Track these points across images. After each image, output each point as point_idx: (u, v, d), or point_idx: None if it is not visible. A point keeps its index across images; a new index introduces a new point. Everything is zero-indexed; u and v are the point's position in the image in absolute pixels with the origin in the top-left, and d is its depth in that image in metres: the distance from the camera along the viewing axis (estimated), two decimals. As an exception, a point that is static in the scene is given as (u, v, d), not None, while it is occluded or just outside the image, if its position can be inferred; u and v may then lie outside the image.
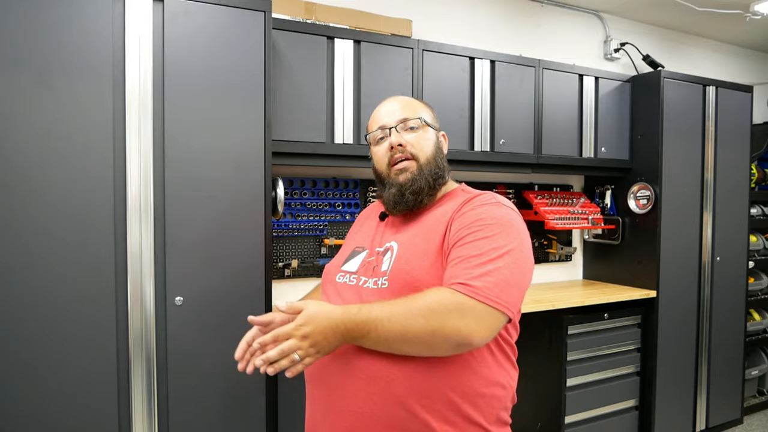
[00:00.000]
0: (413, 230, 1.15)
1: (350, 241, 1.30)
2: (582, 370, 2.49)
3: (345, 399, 1.04)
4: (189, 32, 1.58)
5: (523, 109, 2.48)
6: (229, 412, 1.64)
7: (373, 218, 1.30)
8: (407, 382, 1.00)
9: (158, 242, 1.54)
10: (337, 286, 1.18)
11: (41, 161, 1.41)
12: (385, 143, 1.19)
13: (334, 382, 1.06)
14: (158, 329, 1.54)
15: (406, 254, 1.09)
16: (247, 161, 1.66)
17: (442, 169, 1.20)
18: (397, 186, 1.16)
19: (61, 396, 1.44)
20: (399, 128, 1.18)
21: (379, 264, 1.12)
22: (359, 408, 1.02)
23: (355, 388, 1.03)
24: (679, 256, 2.75)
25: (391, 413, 1.00)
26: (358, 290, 1.12)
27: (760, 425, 3.19)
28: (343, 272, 1.19)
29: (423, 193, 1.16)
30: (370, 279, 1.11)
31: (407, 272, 1.05)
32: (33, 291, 1.41)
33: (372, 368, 1.02)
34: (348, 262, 1.20)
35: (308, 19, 2.16)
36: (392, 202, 1.18)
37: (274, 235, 2.23)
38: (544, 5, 2.99)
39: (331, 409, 1.06)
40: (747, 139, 3.01)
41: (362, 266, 1.16)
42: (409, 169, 1.16)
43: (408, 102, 1.24)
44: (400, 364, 1.00)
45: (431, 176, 1.17)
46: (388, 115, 1.20)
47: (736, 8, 3.05)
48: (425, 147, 1.19)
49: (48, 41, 1.41)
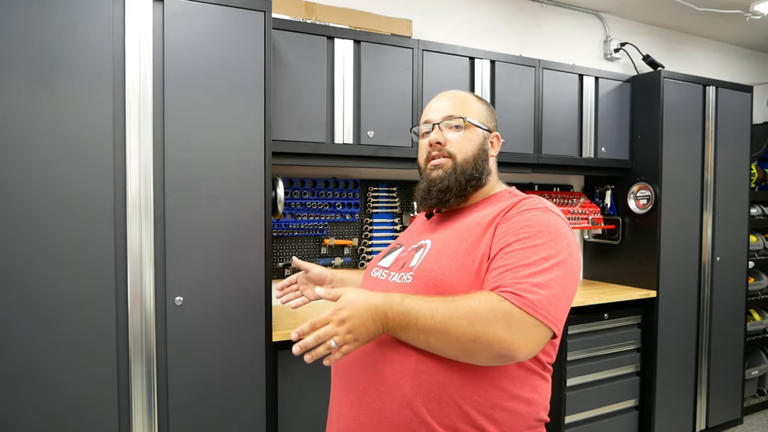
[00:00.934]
0: (450, 230, 1.13)
1: (399, 239, 1.32)
2: (582, 370, 2.49)
3: (356, 392, 1.04)
4: (189, 32, 1.58)
5: (523, 109, 2.48)
6: (229, 412, 1.64)
7: (422, 217, 1.30)
8: (415, 383, 0.97)
9: (158, 242, 1.54)
10: (370, 280, 1.19)
11: (41, 161, 1.41)
12: (427, 138, 1.19)
13: (349, 373, 1.06)
14: (158, 329, 1.54)
15: (436, 253, 1.07)
16: (247, 161, 1.66)
17: (481, 171, 1.16)
18: (427, 181, 1.17)
19: (60, 396, 1.44)
20: (442, 125, 1.16)
21: (409, 260, 1.12)
22: (368, 404, 1.01)
23: (365, 382, 1.02)
24: (679, 256, 2.75)
25: (398, 413, 0.97)
26: (384, 285, 1.12)
27: (760, 425, 3.19)
28: (378, 267, 1.20)
29: (450, 193, 1.14)
30: (398, 273, 1.11)
31: (431, 270, 1.04)
32: (33, 291, 1.41)
33: (382, 364, 1.00)
34: (386, 257, 1.22)
35: (308, 19, 2.16)
36: (420, 197, 1.19)
37: (274, 235, 2.23)
38: (544, 5, 2.99)
39: (345, 402, 1.06)
40: (747, 139, 3.01)
41: (395, 262, 1.17)
42: (442, 167, 1.15)
43: (460, 99, 1.20)
44: (410, 363, 0.97)
45: (463, 177, 1.14)
46: (436, 111, 1.19)
47: (736, 8, 3.05)
48: (465, 147, 1.15)
49: (48, 41, 1.41)
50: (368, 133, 2.11)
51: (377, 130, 2.12)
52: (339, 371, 1.10)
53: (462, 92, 1.22)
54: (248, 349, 1.67)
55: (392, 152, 2.14)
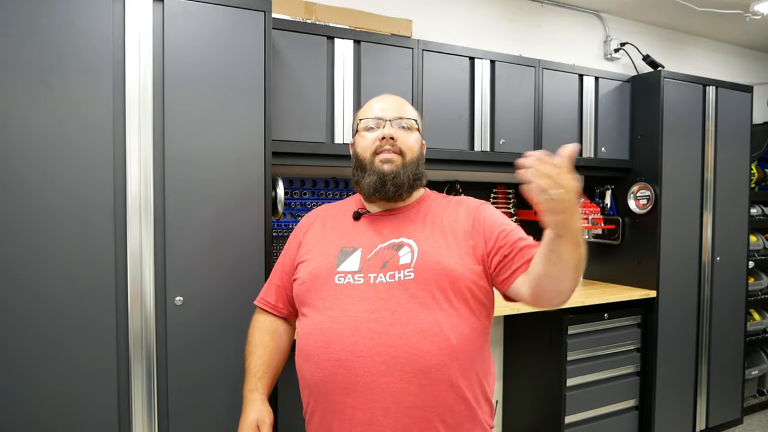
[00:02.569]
0: (417, 228, 1.20)
1: (322, 242, 1.25)
2: (582, 370, 2.49)
3: (391, 398, 1.04)
4: (189, 32, 1.58)
5: (523, 109, 2.48)
6: (229, 412, 1.64)
7: (339, 219, 1.30)
8: (456, 364, 1.07)
9: (158, 242, 1.54)
10: (338, 288, 1.14)
11: (41, 161, 1.41)
12: (375, 132, 1.23)
13: (374, 382, 1.05)
14: (158, 329, 1.54)
15: (432, 249, 1.14)
16: (247, 161, 1.66)
17: (421, 172, 1.27)
18: (379, 174, 1.20)
19: (60, 396, 1.44)
20: (394, 123, 1.24)
21: (394, 258, 1.14)
22: (411, 402, 1.04)
23: (402, 384, 1.04)
24: (679, 256, 2.75)
25: (443, 398, 1.06)
26: (371, 287, 1.11)
27: (760, 425, 3.19)
28: (341, 273, 1.16)
29: (403, 188, 1.21)
30: (383, 273, 1.12)
31: (439, 263, 1.12)
32: (33, 291, 1.41)
33: (420, 359, 1.04)
34: (343, 263, 1.17)
35: (308, 19, 2.16)
36: (372, 189, 1.21)
37: (274, 235, 2.23)
38: (544, 5, 2.99)
39: (376, 412, 1.05)
40: (747, 139, 3.01)
41: (364, 263, 1.15)
42: (394, 162, 1.21)
43: (404, 102, 1.31)
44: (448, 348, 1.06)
45: (412, 174, 1.23)
46: (386, 110, 1.26)
47: (736, 8, 3.05)
48: (413, 147, 1.25)
49: (48, 41, 1.41)
50: (368, 133, 2.11)
51: (377, 130, 2.12)
52: (356, 390, 1.07)
53: (399, 97, 1.32)
54: (248, 349, 1.67)
55: (392, 152, 2.14)
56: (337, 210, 1.35)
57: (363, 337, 1.07)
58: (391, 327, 1.06)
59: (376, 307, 1.09)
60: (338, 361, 1.08)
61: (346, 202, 1.38)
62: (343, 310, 1.11)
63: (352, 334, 1.08)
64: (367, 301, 1.10)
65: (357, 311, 1.09)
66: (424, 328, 1.06)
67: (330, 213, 1.35)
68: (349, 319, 1.09)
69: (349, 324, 1.09)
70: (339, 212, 1.33)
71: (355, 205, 1.32)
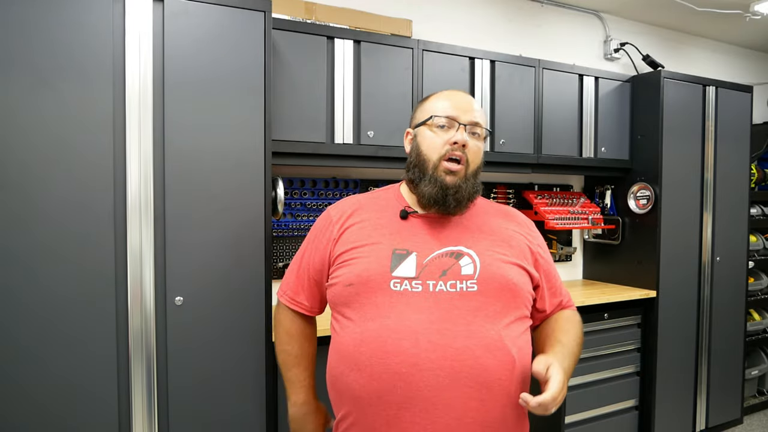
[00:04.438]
0: (473, 236, 1.16)
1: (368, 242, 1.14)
2: (582, 370, 2.49)
3: (451, 414, 1.01)
4: (189, 32, 1.58)
5: (523, 109, 2.48)
6: (229, 411, 1.64)
7: (381, 215, 1.18)
8: (516, 379, 1.06)
9: (158, 242, 1.54)
10: (395, 295, 1.06)
11: (41, 161, 1.41)
12: (447, 134, 1.14)
13: (436, 397, 1.01)
14: (158, 329, 1.54)
15: (494, 261, 1.13)
16: (248, 161, 1.66)
17: (479, 184, 1.19)
18: (441, 185, 1.12)
19: (60, 396, 1.44)
20: (468, 128, 1.15)
21: (455, 267, 1.09)
22: (472, 419, 1.02)
23: (464, 398, 1.01)
24: (679, 256, 2.75)
25: (501, 413, 1.05)
26: (430, 296, 1.06)
27: (760, 425, 3.19)
28: (397, 278, 1.07)
29: (463, 203, 1.15)
30: (443, 282, 1.06)
31: (503, 275, 1.11)
32: (32, 292, 1.41)
33: (485, 374, 1.02)
34: (398, 267, 1.08)
35: (308, 19, 2.16)
36: (432, 200, 1.13)
37: (274, 235, 2.23)
38: (544, 5, 2.99)
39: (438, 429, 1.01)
40: (747, 139, 3.01)
41: (421, 270, 1.08)
42: (457, 175, 1.13)
43: (478, 105, 1.21)
44: (510, 362, 1.05)
45: (473, 188, 1.16)
46: (465, 111, 1.15)
47: (736, 8, 3.05)
48: (477, 158, 1.17)
49: (48, 41, 1.41)
50: (368, 133, 2.11)
51: (377, 130, 2.12)
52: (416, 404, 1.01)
53: (473, 98, 1.23)
54: (248, 349, 1.67)
55: (392, 152, 2.14)
56: (374, 205, 1.22)
57: (425, 350, 1.01)
58: (455, 340, 1.02)
59: (437, 317, 1.03)
60: (397, 374, 1.01)
61: (381, 195, 1.25)
62: (401, 319, 1.03)
63: (413, 346, 1.01)
64: (427, 310, 1.04)
65: (417, 321, 1.03)
66: (488, 342, 1.03)
67: (367, 208, 1.21)
68: (408, 328, 1.02)
69: (408, 334, 1.02)
70: (378, 207, 1.21)
71: (395, 200, 1.21)
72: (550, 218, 2.69)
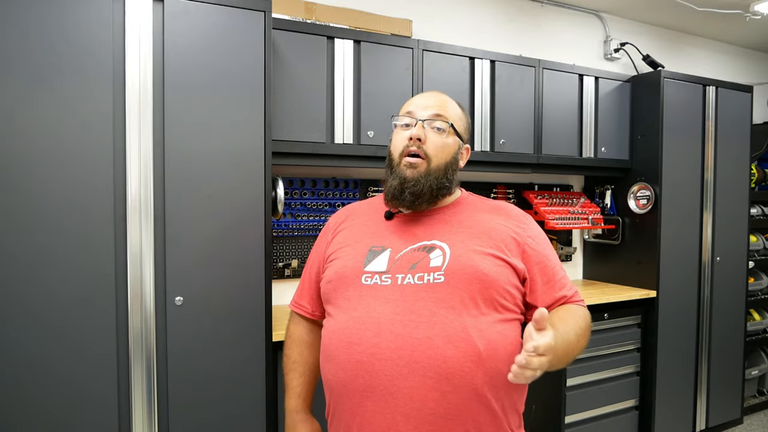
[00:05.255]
0: (451, 231, 1.15)
1: (351, 242, 1.20)
2: (582, 370, 2.49)
3: (412, 404, 1.01)
4: (189, 32, 1.58)
5: (523, 109, 2.48)
6: (229, 412, 1.64)
7: (369, 218, 1.25)
8: (483, 372, 1.02)
9: (158, 242, 1.54)
10: (366, 288, 1.11)
11: (42, 161, 1.41)
12: (407, 131, 1.17)
13: (395, 386, 1.02)
14: (158, 329, 1.54)
15: (466, 252, 1.10)
16: (247, 161, 1.66)
17: (450, 180, 1.19)
18: (400, 179, 1.15)
19: (60, 396, 1.44)
20: (426, 124, 1.16)
21: (424, 260, 1.10)
22: (432, 409, 1.01)
23: (424, 388, 1.01)
24: (679, 256, 2.75)
25: (466, 407, 1.02)
26: (398, 288, 1.08)
27: (760, 425, 3.19)
28: (369, 273, 1.11)
29: (423, 198, 1.15)
30: (412, 275, 1.08)
31: (472, 266, 1.08)
32: (33, 291, 1.41)
33: (444, 365, 1.01)
34: (371, 262, 1.13)
35: (308, 19, 2.16)
36: (391, 194, 1.17)
37: (274, 235, 2.23)
38: (544, 5, 2.99)
39: (397, 418, 1.02)
40: (747, 139, 3.01)
41: (392, 264, 1.11)
42: (416, 168, 1.15)
43: (447, 103, 1.22)
44: (475, 354, 1.02)
45: (435, 183, 1.15)
46: (423, 108, 1.18)
47: (736, 8, 3.05)
48: (441, 152, 1.17)
49: (48, 41, 1.41)
50: (368, 133, 2.11)
51: (377, 130, 2.12)
52: (376, 393, 1.03)
53: (448, 97, 1.24)
54: (248, 349, 1.67)
55: (392, 152, 2.14)
56: (366, 208, 1.29)
57: (386, 339, 1.03)
58: (416, 330, 1.03)
59: (401, 309, 1.05)
60: (359, 363, 1.04)
61: (377, 200, 1.30)
62: (368, 311, 1.07)
63: (375, 336, 1.04)
64: (393, 302, 1.06)
65: (382, 312, 1.06)
66: (451, 333, 1.02)
67: (359, 211, 1.28)
68: (372, 320, 1.06)
69: (372, 325, 1.05)
70: (369, 211, 1.27)
71: (383, 203, 1.25)
72: (550, 218, 2.69)
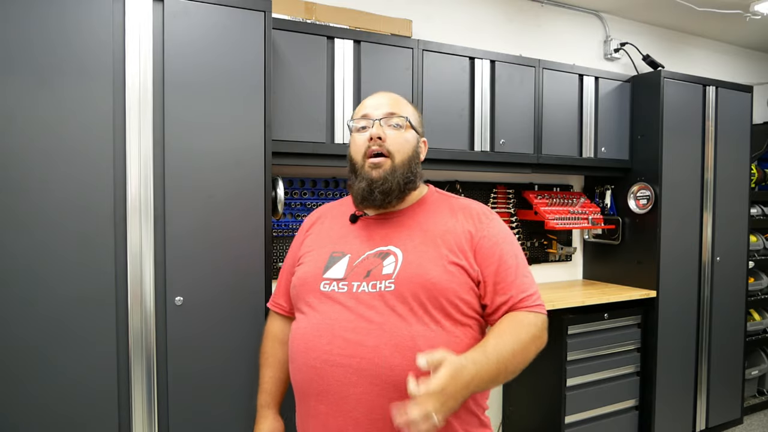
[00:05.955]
0: (409, 235, 1.15)
1: (316, 246, 1.23)
2: (582, 370, 2.49)
3: (362, 408, 1.03)
4: (189, 32, 1.57)
5: (523, 109, 2.48)
6: (229, 412, 1.64)
7: (336, 221, 1.27)
8: None
9: (158, 242, 1.54)
10: (324, 295, 1.13)
11: (41, 161, 1.41)
12: (365, 133, 1.19)
13: (345, 392, 1.04)
14: (158, 329, 1.54)
15: (417, 259, 1.10)
16: (247, 161, 1.66)
17: (415, 174, 1.20)
18: (367, 180, 1.16)
19: (60, 396, 1.44)
20: (383, 122, 1.18)
21: (378, 267, 1.11)
22: (381, 416, 1.02)
23: (373, 395, 1.02)
24: (679, 256, 2.75)
25: None
26: (352, 296, 1.10)
27: (760, 425, 3.19)
28: (327, 280, 1.14)
29: (392, 195, 1.16)
30: (366, 282, 1.10)
31: (421, 275, 1.07)
32: (32, 291, 1.40)
33: (390, 374, 1.01)
34: (330, 269, 1.16)
35: (308, 19, 2.16)
36: (360, 197, 1.18)
37: (274, 235, 2.23)
38: (544, 5, 2.99)
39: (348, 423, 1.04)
40: (747, 139, 3.01)
41: (350, 271, 1.13)
42: (382, 167, 1.16)
43: (397, 99, 1.25)
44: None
45: (402, 178, 1.17)
46: (376, 108, 1.21)
47: (736, 8, 3.05)
48: (403, 147, 1.19)
49: (48, 41, 1.41)
50: (368, 133, 2.11)
51: (377, 130, 2.12)
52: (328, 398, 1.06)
53: (395, 94, 1.26)
54: (248, 349, 1.66)
55: (392, 152, 2.14)
56: (337, 210, 1.32)
57: (338, 346, 1.06)
58: (367, 338, 1.05)
59: (355, 316, 1.07)
60: (313, 368, 1.08)
61: (345, 201, 1.33)
62: (324, 318, 1.10)
63: (328, 343, 1.07)
64: (348, 310, 1.08)
65: (336, 319, 1.09)
66: (398, 341, 1.03)
67: (330, 214, 1.32)
68: (327, 326, 1.09)
69: (326, 332, 1.08)
70: (338, 213, 1.30)
71: (350, 206, 1.27)
72: (550, 218, 2.69)
